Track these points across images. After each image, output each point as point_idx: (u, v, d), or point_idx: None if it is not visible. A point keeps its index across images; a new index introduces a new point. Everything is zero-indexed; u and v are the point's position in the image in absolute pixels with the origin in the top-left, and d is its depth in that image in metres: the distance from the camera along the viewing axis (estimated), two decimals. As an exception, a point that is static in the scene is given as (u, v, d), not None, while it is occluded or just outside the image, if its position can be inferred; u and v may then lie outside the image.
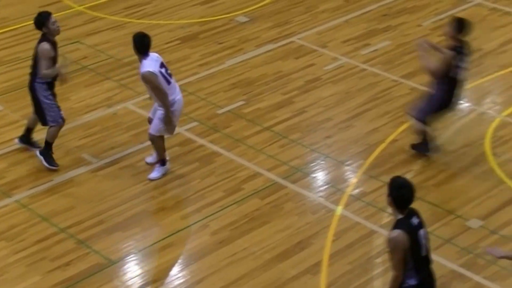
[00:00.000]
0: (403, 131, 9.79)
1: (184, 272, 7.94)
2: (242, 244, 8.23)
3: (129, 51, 11.64)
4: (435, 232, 8.21)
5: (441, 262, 7.83)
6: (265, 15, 12.54)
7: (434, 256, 7.80)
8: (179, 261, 8.10)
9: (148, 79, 8.61)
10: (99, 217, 8.55)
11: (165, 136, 9.02)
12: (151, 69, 8.59)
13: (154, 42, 11.80)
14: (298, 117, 10.18)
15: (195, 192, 8.93)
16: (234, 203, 8.75)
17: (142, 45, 8.69)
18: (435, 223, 8.34)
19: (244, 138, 9.76)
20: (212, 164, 9.30)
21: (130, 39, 8.82)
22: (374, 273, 7.83)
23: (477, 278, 7.74)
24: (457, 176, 9.06)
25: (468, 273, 7.79)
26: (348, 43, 11.71)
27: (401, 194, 6.08)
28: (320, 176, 9.22)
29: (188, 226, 8.48)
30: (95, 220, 8.51)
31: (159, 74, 8.63)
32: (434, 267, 7.43)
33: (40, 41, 8.85)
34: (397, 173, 9.04)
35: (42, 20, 8.85)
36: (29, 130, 9.41)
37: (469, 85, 10.56)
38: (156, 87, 8.62)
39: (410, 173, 9.09)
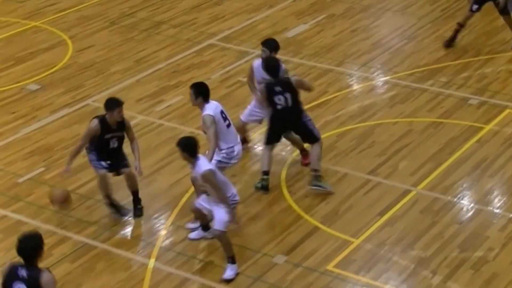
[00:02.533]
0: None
1: None
2: (57, 310, 7.94)
3: None
4: (245, 272, 8.42)
5: (253, 299, 8.05)
6: (56, 81, 12.36)
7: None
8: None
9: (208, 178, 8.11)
10: None
11: None
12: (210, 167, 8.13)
13: None
14: (101, 177, 10.08)
15: (1, 265, 8.51)
16: (44, 270, 8.44)
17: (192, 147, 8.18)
18: (244, 263, 8.54)
19: (48, 204, 9.47)
20: (18, 234, 8.90)
21: None
22: (191, 320, 7.88)
23: (288, 310, 8.01)
24: (259, 216, 9.34)
25: (279, 307, 8.03)
26: (142, 101, 11.81)
27: None
28: (129, 232, 9.15)
29: (-2, 300, 8.06)
30: None
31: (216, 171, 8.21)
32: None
33: None
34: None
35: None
36: None
37: (260, 130, 10.99)
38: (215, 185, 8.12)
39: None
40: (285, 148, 10.64)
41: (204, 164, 8.15)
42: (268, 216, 9.34)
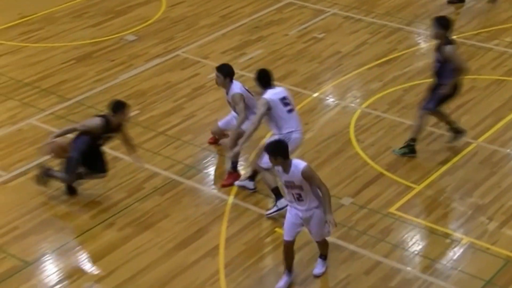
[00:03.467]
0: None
1: (95, 267, 7.80)
2: (146, 237, 8.17)
3: (28, 73, 11.36)
4: (314, 211, 8.42)
5: (321, 236, 8.04)
6: (150, 33, 12.48)
7: (315, 231, 7.97)
8: (90, 256, 7.95)
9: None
10: (12, 224, 8.28)
11: None
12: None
13: (50, 63, 11.65)
14: (189, 120, 10.20)
15: (100, 194, 8.78)
16: (136, 201, 8.67)
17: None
18: (314, 203, 8.54)
19: (141, 143, 9.68)
20: (114, 169, 9.17)
21: (27, 61, 8.53)
22: (265, 251, 7.96)
23: (351, 247, 7.99)
24: (328, 161, 9.31)
25: (344, 244, 8.03)
26: (226, 53, 11.83)
27: None
28: (212, 171, 9.27)
29: (96, 225, 8.33)
30: (9, 227, 8.24)
31: None
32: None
33: None
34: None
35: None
36: None
37: (332, 83, 10.89)
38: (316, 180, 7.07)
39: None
40: (354, 100, 10.52)
41: (298, 162, 7.06)
42: (337, 162, 9.30)
